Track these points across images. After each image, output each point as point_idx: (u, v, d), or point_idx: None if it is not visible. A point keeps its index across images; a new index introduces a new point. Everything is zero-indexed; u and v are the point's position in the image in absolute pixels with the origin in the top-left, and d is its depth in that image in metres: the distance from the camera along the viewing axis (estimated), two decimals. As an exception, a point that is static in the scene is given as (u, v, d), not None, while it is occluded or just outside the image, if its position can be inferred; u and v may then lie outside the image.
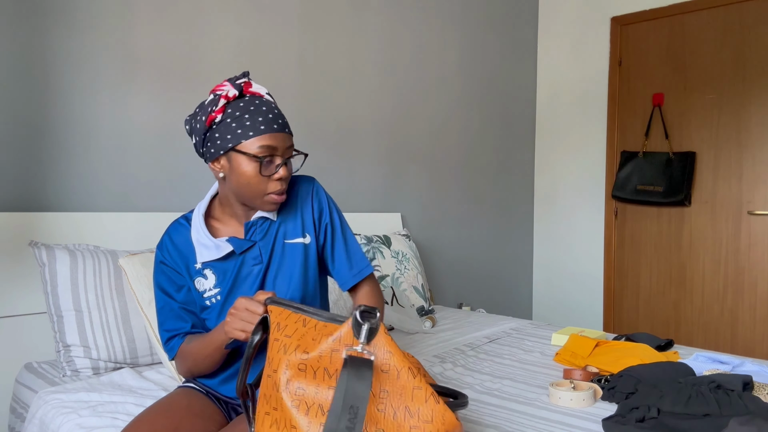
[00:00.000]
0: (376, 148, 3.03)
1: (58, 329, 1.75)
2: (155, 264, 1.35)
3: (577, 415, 1.42)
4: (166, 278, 1.33)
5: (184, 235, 1.34)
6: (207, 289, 1.31)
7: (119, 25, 2.09)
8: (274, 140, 1.22)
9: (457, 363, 1.91)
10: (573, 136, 3.97)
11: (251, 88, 1.26)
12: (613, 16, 3.76)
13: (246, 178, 1.22)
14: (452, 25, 3.44)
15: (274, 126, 1.22)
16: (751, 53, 3.29)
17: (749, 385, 1.45)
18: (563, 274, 4.04)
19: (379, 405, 0.92)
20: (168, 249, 1.33)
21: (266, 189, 1.24)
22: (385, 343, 0.94)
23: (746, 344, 3.32)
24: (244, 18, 2.46)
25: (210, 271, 1.31)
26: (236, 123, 1.21)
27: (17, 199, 1.89)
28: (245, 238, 1.31)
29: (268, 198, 1.25)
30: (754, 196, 3.30)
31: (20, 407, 1.69)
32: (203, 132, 1.25)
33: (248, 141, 1.21)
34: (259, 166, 1.21)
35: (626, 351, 1.84)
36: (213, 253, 1.29)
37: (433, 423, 0.91)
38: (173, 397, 1.31)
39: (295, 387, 0.91)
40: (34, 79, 1.91)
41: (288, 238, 1.34)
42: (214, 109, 1.22)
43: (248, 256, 1.31)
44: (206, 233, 1.30)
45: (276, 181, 1.23)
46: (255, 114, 1.22)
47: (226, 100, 1.22)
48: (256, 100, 1.24)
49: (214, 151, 1.24)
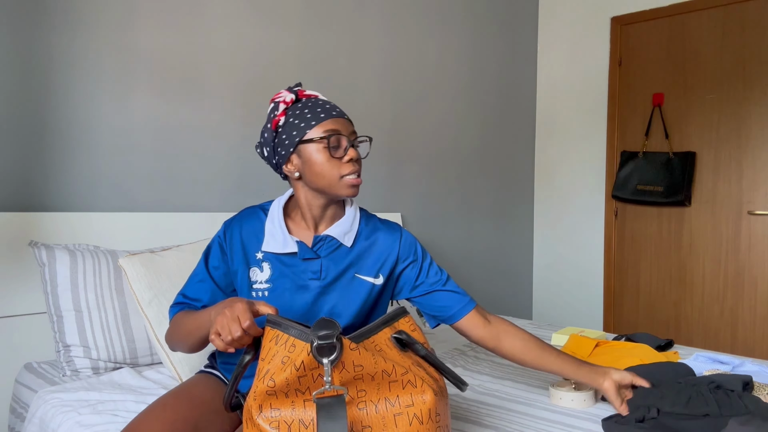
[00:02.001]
0: (376, 148, 3.03)
1: (58, 329, 1.75)
2: (213, 245, 1.36)
3: (577, 416, 1.42)
4: (215, 252, 1.35)
5: (258, 223, 1.35)
6: (259, 281, 1.31)
7: (119, 24, 2.09)
8: (336, 124, 1.27)
9: (457, 363, 1.91)
10: (573, 135, 3.97)
11: (306, 92, 1.34)
12: (613, 16, 3.76)
13: (319, 166, 1.25)
14: (452, 25, 3.44)
15: (333, 113, 1.28)
16: (751, 53, 3.29)
17: (749, 385, 1.45)
18: (563, 274, 4.04)
19: (359, 404, 0.94)
20: (233, 230, 1.34)
21: (341, 172, 1.26)
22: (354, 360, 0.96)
23: (746, 344, 3.32)
24: (244, 18, 2.46)
25: (268, 265, 1.32)
26: (298, 119, 1.27)
27: (17, 199, 1.89)
28: (311, 248, 1.31)
29: (345, 181, 1.26)
30: (754, 196, 3.30)
31: (20, 407, 1.69)
32: (272, 139, 1.30)
33: (312, 130, 1.26)
34: (328, 149, 1.25)
35: (626, 351, 1.84)
36: (279, 246, 1.30)
37: (414, 406, 0.96)
38: (197, 386, 1.32)
39: (269, 414, 0.93)
40: (34, 79, 1.91)
41: (361, 273, 1.35)
42: (276, 114, 1.29)
43: (308, 267, 1.31)
44: (282, 225, 1.32)
45: (348, 162, 1.26)
46: (313, 107, 1.28)
47: (286, 105, 1.29)
48: (312, 100, 1.31)
49: (284, 152, 1.28)
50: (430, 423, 0.96)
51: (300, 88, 1.34)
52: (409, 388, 0.96)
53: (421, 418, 0.95)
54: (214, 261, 1.35)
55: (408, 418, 0.95)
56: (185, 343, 1.26)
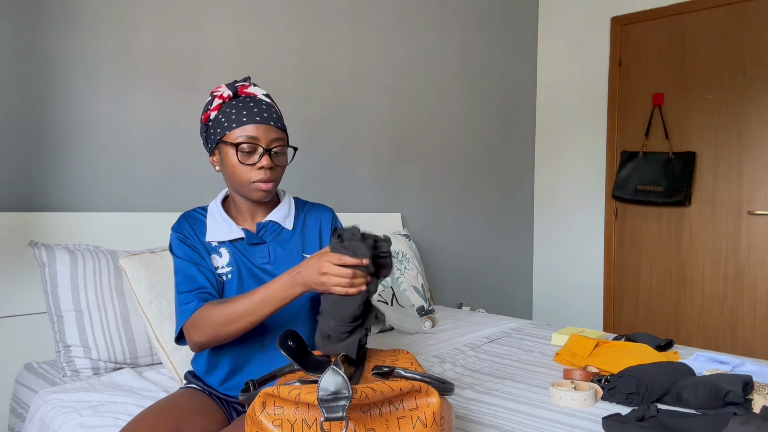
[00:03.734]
0: (376, 148, 3.03)
1: (58, 329, 1.75)
2: (173, 242, 1.36)
3: (577, 415, 1.42)
4: (181, 246, 1.35)
5: (200, 222, 1.39)
6: (221, 266, 1.35)
7: (119, 25, 2.09)
8: (255, 131, 1.29)
9: (457, 363, 1.91)
10: (573, 136, 3.97)
11: (247, 89, 1.34)
12: (613, 16, 3.76)
13: (230, 167, 1.31)
14: (452, 25, 3.44)
15: (257, 118, 1.30)
16: (751, 53, 3.29)
17: (749, 385, 1.45)
18: (563, 274, 4.04)
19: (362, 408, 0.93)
20: (185, 228, 1.37)
21: (250, 177, 1.30)
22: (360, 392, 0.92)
23: (746, 344, 3.32)
24: (244, 18, 2.46)
25: (225, 250, 1.36)
26: (224, 118, 1.31)
27: (17, 199, 1.89)
28: (256, 234, 1.37)
29: (254, 186, 1.30)
30: (754, 196, 3.30)
31: (20, 407, 1.69)
32: (203, 130, 1.37)
33: (231, 132, 1.29)
34: (241, 153, 1.29)
35: (626, 351, 1.84)
36: (226, 234, 1.35)
37: (418, 409, 0.95)
38: (175, 397, 1.32)
39: (272, 411, 0.92)
40: (34, 79, 1.91)
41: (307, 252, 1.40)
42: (209, 108, 1.33)
43: (257, 252, 1.36)
44: (223, 215, 1.37)
45: (259, 170, 1.29)
46: (241, 109, 1.30)
47: (221, 100, 1.32)
48: (248, 99, 1.33)
49: (210, 146, 1.35)
50: (434, 426, 0.95)
51: (245, 83, 1.35)
52: (413, 393, 0.96)
53: (425, 421, 0.94)
54: (185, 253, 1.34)
55: (412, 421, 0.94)
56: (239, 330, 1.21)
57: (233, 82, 1.34)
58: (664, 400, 1.49)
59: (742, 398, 1.39)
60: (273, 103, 1.37)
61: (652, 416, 1.31)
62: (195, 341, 1.25)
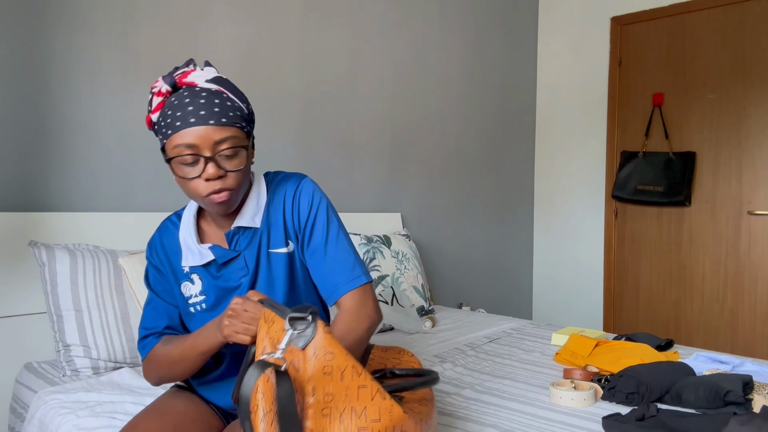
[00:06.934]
0: (376, 148, 3.03)
1: (58, 329, 1.75)
2: (147, 272, 1.28)
3: (577, 415, 1.42)
4: (153, 274, 1.26)
5: (173, 236, 1.25)
6: (193, 294, 1.21)
7: (120, 25, 2.09)
8: (190, 137, 1.05)
9: (457, 363, 1.91)
10: (573, 136, 3.97)
11: (187, 78, 1.09)
12: (613, 16, 3.76)
13: (178, 182, 1.10)
14: (452, 26, 3.44)
15: (191, 119, 1.05)
16: (751, 53, 3.29)
17: (749, 385, 1.45)
18: (563, 274, 4.04)
19: (324, 410, 0.91)
20: (157, 250, 1.26)
21: (200, 192, 1.08)
22: (326, 345, 0.93)
23: (746, 344, 3.31)
24: (245, 18, 2.46)
25: (197, 276, 1.21)
26: (164, 121, 1.08)
27: (17, 199, 1.89)
28: (229, 248, 1.20)
29: (209, 199, 1.09)
30: (754, 196, 3.30)
31: (20, 407, 1.69)
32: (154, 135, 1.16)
33: (168, 140, 1.07)
34: (182, 168, 1.07)
35: (626, 351, 1.84)
36: (197, 259, 1.20)
37: (381, 421, 0.90)
38: (169, 400, 1.25)
39: None
40: (34, 79, 1.91)
41: (272, 248, 1.21)
42: (149, 110, 1.11)
43: (234, 266, 1.20)
44: (193, 236, 1.20)
45: (207, 182, 1.07)
46: (176, 110, 1.06)
47: (161, 97, 1.10)
48: (186, 93, 1.08)
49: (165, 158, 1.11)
50: None
51: (184, 70, 1.10)
52: (378, 399, 0.91)
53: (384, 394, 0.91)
54: (155, 284, 1.25)
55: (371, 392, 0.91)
56: (184, 372, 1.17)
57: (172, 71, 1.10)
58: (664, 400, 1.49)
59: (742, 398, 1.39)
60: (221, 89, 1.09)
61: (652, 416, 1.31)
62: (149, 381, 1.23)
